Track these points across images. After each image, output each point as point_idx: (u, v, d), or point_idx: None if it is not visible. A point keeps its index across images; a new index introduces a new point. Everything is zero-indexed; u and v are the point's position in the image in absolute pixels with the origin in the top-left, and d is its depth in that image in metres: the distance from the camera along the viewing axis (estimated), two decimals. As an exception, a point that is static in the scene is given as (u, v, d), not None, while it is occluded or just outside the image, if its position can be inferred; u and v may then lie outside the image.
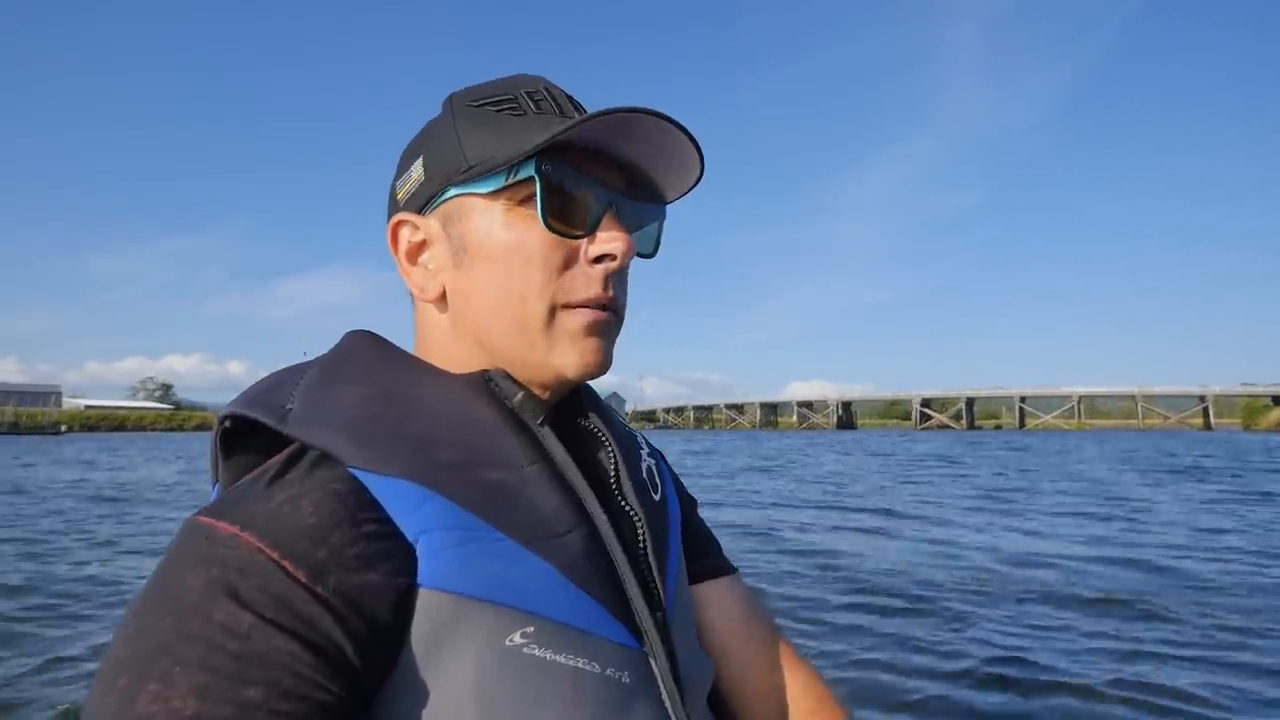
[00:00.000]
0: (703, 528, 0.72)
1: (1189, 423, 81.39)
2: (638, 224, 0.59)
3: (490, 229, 0.54)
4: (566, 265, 0.54)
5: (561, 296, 0.54)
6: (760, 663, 0.67)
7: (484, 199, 0.54)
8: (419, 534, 0.45)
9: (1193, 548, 6.36)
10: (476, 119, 0.55)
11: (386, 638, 0.43)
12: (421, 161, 0.57)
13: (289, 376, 0.54)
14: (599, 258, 0.54)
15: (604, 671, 0.48)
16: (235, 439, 0.52)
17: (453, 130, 0.55)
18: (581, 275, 0.54)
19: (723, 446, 31.67)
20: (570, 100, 0.57)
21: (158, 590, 0.41)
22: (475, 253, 0.54)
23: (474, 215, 0.54)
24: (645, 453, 0.66)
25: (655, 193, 0.59)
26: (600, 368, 0.56)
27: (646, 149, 0.54)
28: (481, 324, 0.55)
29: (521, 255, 0.53)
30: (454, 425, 0.51)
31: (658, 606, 0.54)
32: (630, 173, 0.56)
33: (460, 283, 0.56)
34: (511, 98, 0.55)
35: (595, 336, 0.55)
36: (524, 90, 0.56)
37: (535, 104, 0.55)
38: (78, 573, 5.44)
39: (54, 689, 3.13)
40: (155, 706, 0.37)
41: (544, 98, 0.55)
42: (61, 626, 4.05)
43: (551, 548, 0.48)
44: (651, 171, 0.56)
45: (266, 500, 0.44)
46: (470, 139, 0.54)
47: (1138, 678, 3.15)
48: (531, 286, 0.53)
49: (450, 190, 0.55)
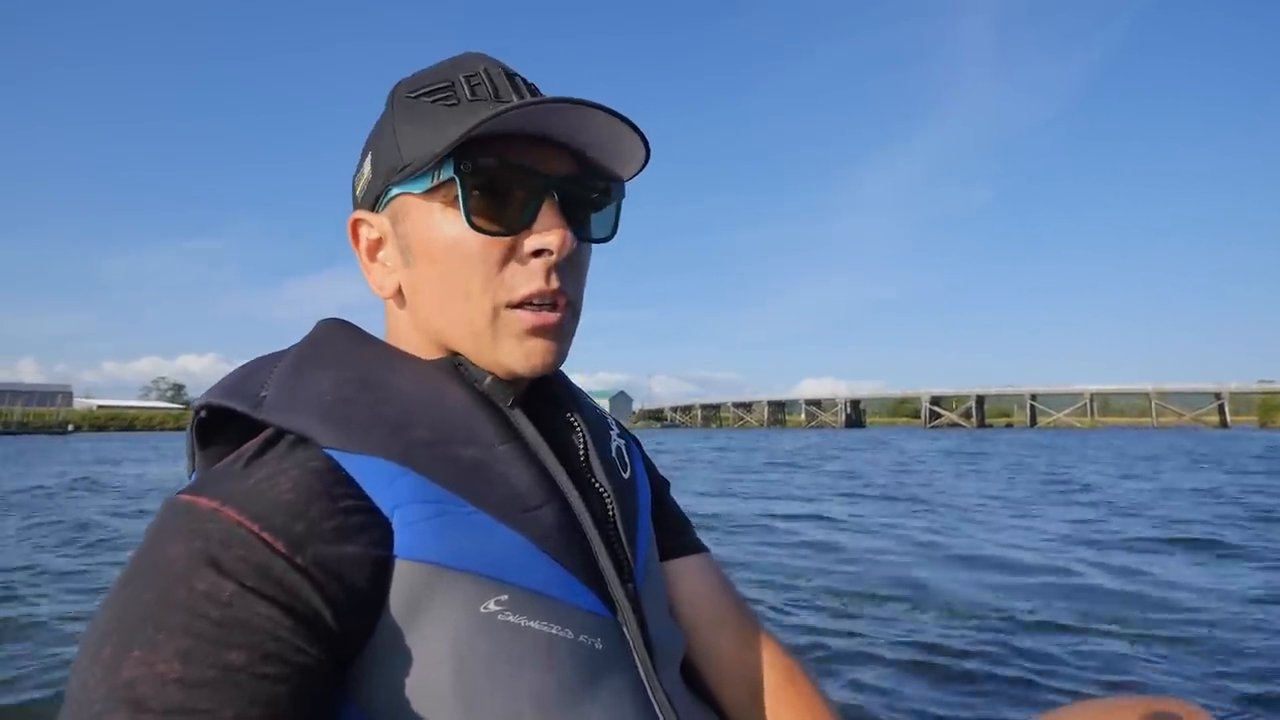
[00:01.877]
0: (674, 507, 0.74)
1: (1204, 420, 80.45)
2: (589, 206, 0.57)
3: (429, 229, 0.54)
4: (505, 261, 0.53)
5: (503, 295, 0.53)
6: (730, 637, 0.68)
7: (420, 198, 0.54)
8: (394, 508, 0.46)
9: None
10: (411, 112, 0.54)
11: (364, 605, 0.44)
12: (370, 158, 0.57)
13: (262, 365, 0.54)
14: (538, 252, 0.53)
15: (577, 638, 0.49)
16: (211, 429, 0.53)
17: (390, 125, 0.55)
18: (521, 271, 0.53)
19: (733, 444, 30.98)
20: (511, 80, 0.55)
21: (141, 563, 0.42)
22: (418, 252, 0.55)
23: (413, 215, 0.55)
24: (615, 433, 0.68)
25: (606, 172, 0.57)
26: (549, 365, 0.55)
27: (584, 131, 0.53)
28: (433, 321, 0.56)
29: (459, 255, 0.53)
30: (427, 407, 0.52)
31: (628, 578, 0.55)
32: (576, 153, 0.55)
33: (411, 281, 0.56)
34: (448, 85, 0.54)
35: (542, 334, 0.54)
36: (462, 75, 0.54)
37: (471, 90, 0.53)
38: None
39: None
40: (140, 670, 0.38)
41: (481, 82, 0.54)
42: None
43: (524, 520, 0.49)
44: (596, 152, 0.55)
45: (245, 479, 0.45)
46: (404, 134, 0.54)
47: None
48: (472, 285, 0.53)
49: (392, 189, 0.55)
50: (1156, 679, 2.71)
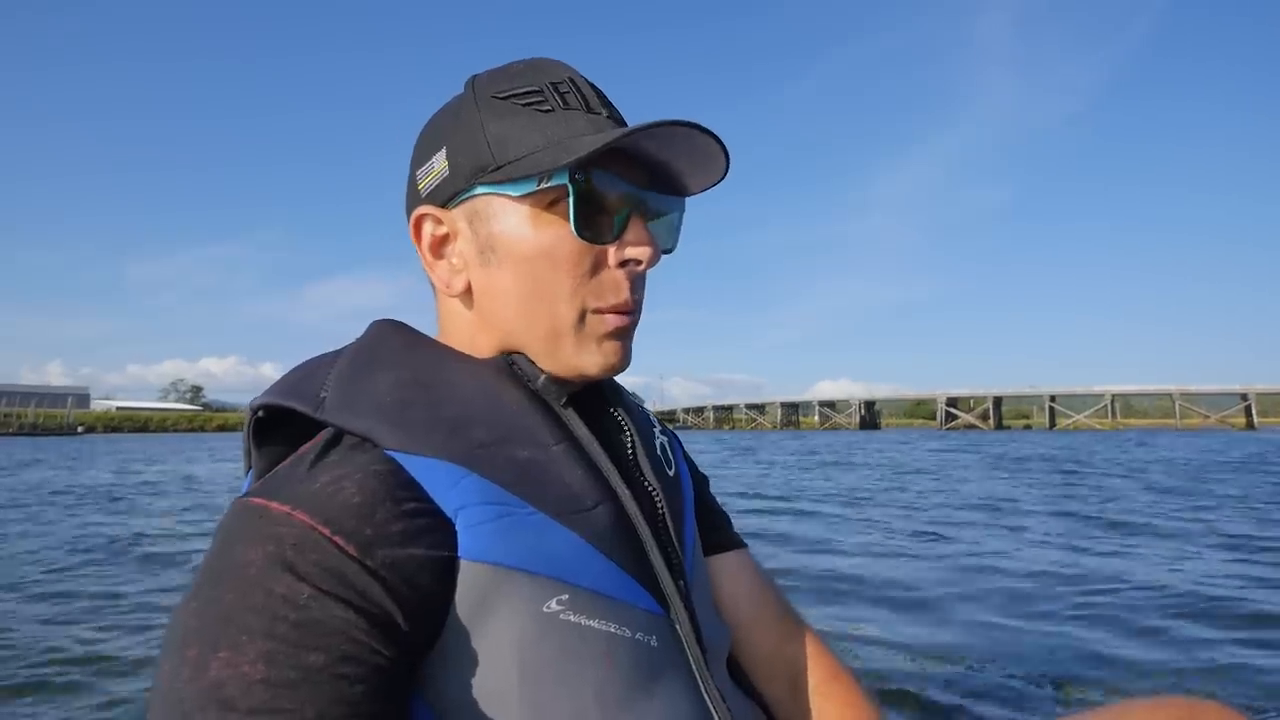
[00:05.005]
0: (714, 503, 0.75)
1: (1230, 422, 78.27)
2: (659, 216, 0.60)
3: (521, 231, 0.55)
4: (595, 270, 0.55)
5: (591, 301, 0.55)
6: (772, 633, 0.70)
7: (516, 201, 0.55)
8: (457, 510, 0.47)
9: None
10: (503, 113, 0.55)
11: (433, 606, 0.45)
12: (445, 153, 0.57)
13: (318, 366, 0.55)
14: (625, 262, 0.55)
15: (634, 636, 0.50)
16: (267, 428, 0.54)
17: (479, 124, 0.55)
18: (610, 280, 0.56)
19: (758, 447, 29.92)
20: (595, 91, 0.57)
21: (218, 565, 0.43)
22: (504, 253, 0.56)
23: (503, 216, 0.55)
24: (658, 431, 0.69)
25: (678, 186, 0.60)
26: (622, 366, 0.58)
27: (676, 149, 0.55)
28: (509, 322, 0.57)
29: (551, 260, 0.54)
30: (483, 407, 0.53)
31: (679, 575, 0.56)
32: (654, 167, 0.57)
33: (487, 281, 0.57)
34: (538, 89, 0.55)
35: (618, 336, 0.57)
36: (549, 81, 0.56)
37: (562, 98, 0.55)
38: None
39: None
40: (227, 672, 0.39)
41: (570, 90, 0.56)
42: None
43: (580, 520, 0.50)
44: (677, 168, 0.57)
45: (311, 482, 0.46)
46: (497, 136, 0.54)
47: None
48: (561, 290, 0.55)
49: (478, 188, 0.55)
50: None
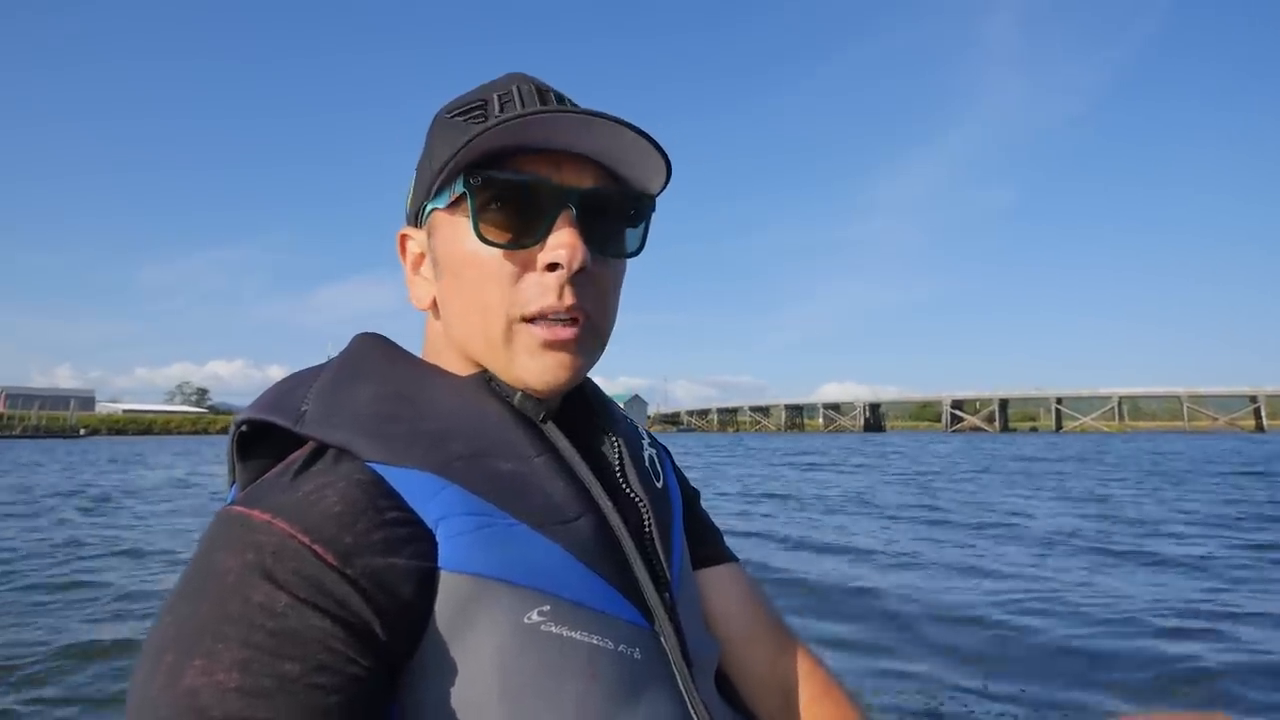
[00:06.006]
0: (705, 517, 0.74)
1: (1240, 424, 77.81)
2: (617, 220, 0.56)
3: (451, 242, 0.55)
4: (520, 275, 0.53)
5: (517, 309, 0.53)
6: (763, 648, 0.68)
7: (445, 213, 0.55)
8: (437, 520, 0.47)
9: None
10: (445, 130, 0.56)
11: (412, 616, 0.45)
12: (415, 176, 0.59)
13: (301, 380, 0.55)
14: (551, 265, 0.53)
15: (617, 648, 0.50)
16: (251, 442, 0.53)
17: (429, 143, 0.57)
18: (535, 285, 0.53)
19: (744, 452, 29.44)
20: (542, 95, 0.56)
21: (197, 575, 0.43)
22: (443, 266, 0.56)
23: (441, 229, 0.56)
24: (646, 443, 0.68)
25: (637, 186, 0.57)
26: (563, 382, 0.55)
27: (612, 146, 0.53)
28: (458, 334, 0.57)
29: (477, 268, 0.54)
30: (464, 421, 0.53)
31: (664, 587, 0.56)
32: (607, 168, 0.55)
33: (440, 295, 0.58)
34: (481, 103, 0.55)
35: (555, 349, 0.54)
36: (496, 94, 0.56)
37: (500, 106, 0.55)
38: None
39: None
40: (201, 680, 0.39)
41: (511, 99, 0.55)
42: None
43: (562, 532, 0.50)
44: (625, 167, 0.55)
45: (294, 491, 0.46)
46: (436, 152, 0.55)
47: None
48: (489, 299, 0.54)
49: (427, 204, 0.57)
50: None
